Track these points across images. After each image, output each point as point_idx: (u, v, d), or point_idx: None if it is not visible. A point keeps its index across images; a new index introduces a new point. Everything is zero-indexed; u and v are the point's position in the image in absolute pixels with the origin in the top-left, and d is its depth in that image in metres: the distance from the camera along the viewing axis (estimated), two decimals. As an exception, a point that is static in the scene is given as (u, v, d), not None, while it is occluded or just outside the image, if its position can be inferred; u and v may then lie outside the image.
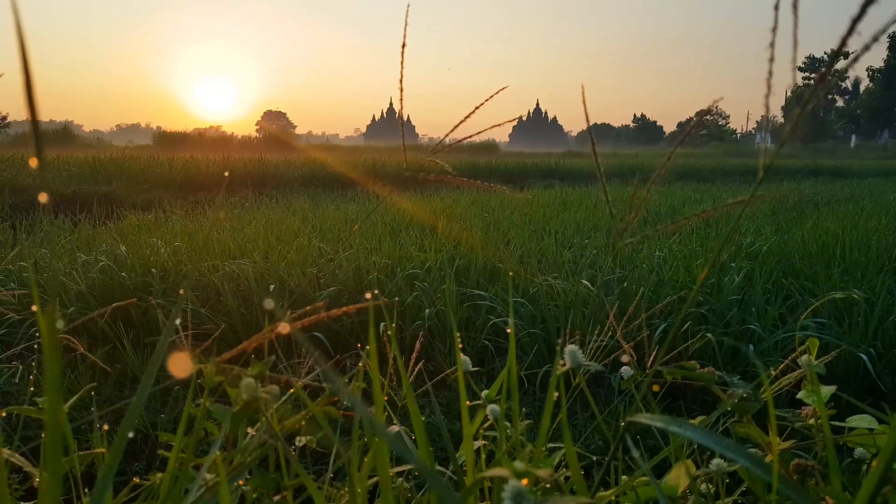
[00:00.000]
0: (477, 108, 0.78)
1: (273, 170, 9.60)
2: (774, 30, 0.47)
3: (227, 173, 8.70)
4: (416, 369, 1.32)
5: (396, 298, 2.87)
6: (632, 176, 15.63)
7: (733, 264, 3.51)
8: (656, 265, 3.45)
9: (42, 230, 4.73)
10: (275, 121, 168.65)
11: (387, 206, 6.72)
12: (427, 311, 2.70)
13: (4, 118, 50.15)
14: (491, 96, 0.78)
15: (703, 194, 9.60)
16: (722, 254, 3.64)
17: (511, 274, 3.04)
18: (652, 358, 1.00)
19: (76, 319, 2.86)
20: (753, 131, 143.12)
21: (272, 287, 2.83)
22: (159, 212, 6.03)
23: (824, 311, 2.86)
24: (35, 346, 2.79)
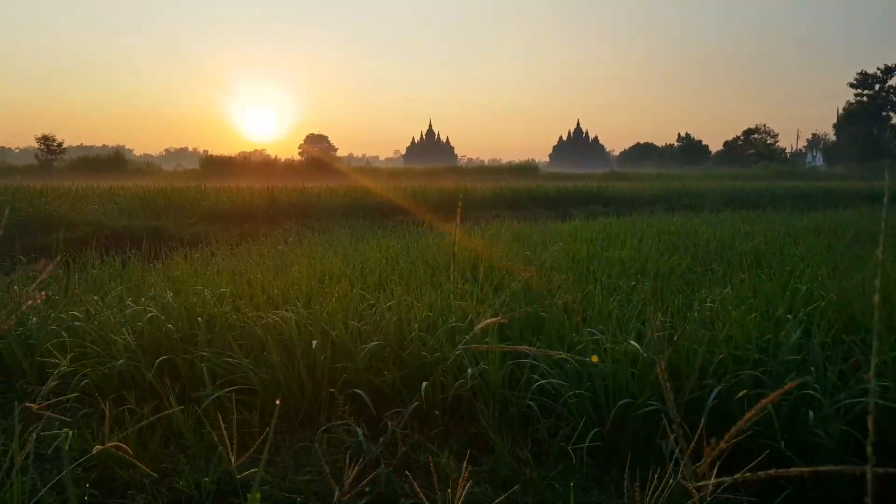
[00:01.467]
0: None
1: (315, 200, 9.70)
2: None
3: (271, 210, 8.83)
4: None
5: (437, 354, 2.83)
6: (677, 201, 15.35)
7: (790, 316, 3.37)
8: (708, 317, 3.33)
9: (94, 270, 4.84)
10: (317, 143, 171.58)
11: (427, 241, 6.72)
12: (469, 370, 2.65)
13: (60, 144, 52.15)
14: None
15: (754, 224, 9.35)
16: (777, 305, 3.51)
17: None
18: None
19: (125, 372, 2.90)
20: (804, 150, 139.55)
21: (315, 343, 2.82)
22: (206, 249, 6.12)
23: (889, 372, 2.72)
24: (85, 399, 2.84)
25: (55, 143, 51.71)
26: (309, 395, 2.79)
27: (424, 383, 2.59)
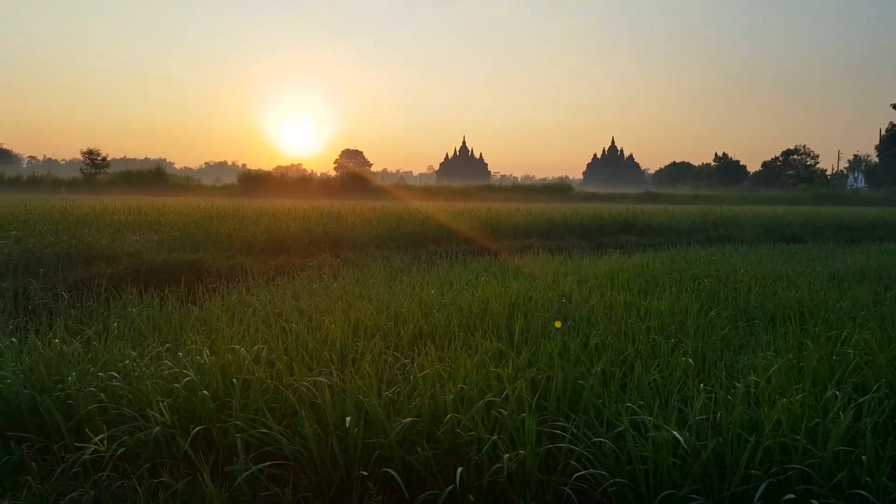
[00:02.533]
0: None
1: (349, 231, 9.75)
2: None
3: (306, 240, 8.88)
4: None
5: (472, 433, 2.77)
6: (715, 231, 15.07)
7: (838, 392, 3.24)
8: (753, 394, 3.23)
9: (134, 310, 4.90)
10: (352, 159, 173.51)
11: (461, 280, 6.68)
12: (506, 456, 2.59)
13: (104, 159, 53.68)
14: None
15: (795, 263, 9.11)
16: (824, 382, 3.38)
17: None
18: None
19: (160, 440, 2.91)
20: (845, 171, 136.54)
21: (348, 420, 2.79)
22: (242, 287, 6.17)
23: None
24: (120, 465, 2.85)
25: (99, 158, 53.25)
26: (341, 471, 2.76)
27: (459, 469, 2.54)
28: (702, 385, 3.45)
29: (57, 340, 3.64)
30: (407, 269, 7.94)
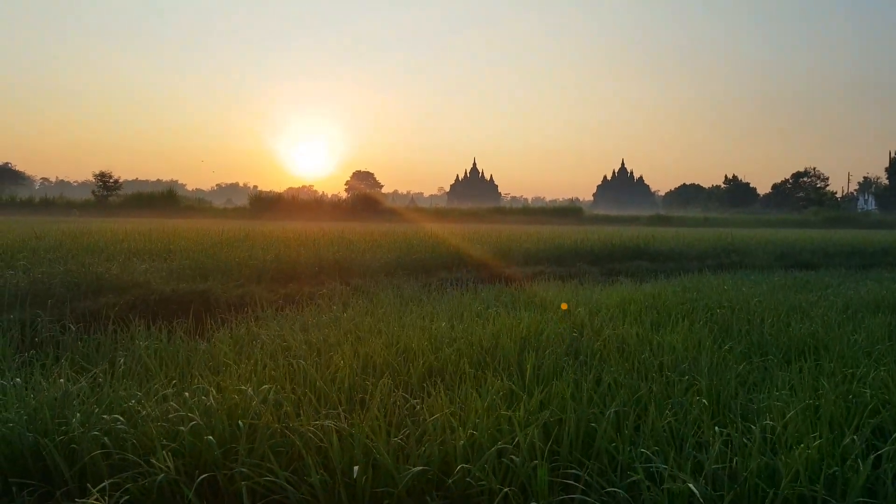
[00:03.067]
0: None
1: (360, 258, 9.73)
2: None
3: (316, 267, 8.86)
4: None
5: (483, 484, 2.71)
6: (726, 257, 14.95)
7: (856, 438, 3.15)
8: (770, 439, 3.15)
9: (142, 344, 4.87)
10: (363, 180, 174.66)
11: (471, 311, 6.63)
12: (517, 510, 2.52)
13: (116, 181, 54.25)
14: None
15: (808, 293, 9.00)
16: (841, 426, 3.29)
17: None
18: None
19: (165, 487, 2.86)
20: (855, 193, 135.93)
21: (356, 469, 2.73)
22: (250, 318, 6.15)
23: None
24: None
25: (112, 180, 53.78)
26: (349, 522, 2.70)
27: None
28: (717, 428, 3.37)
29: (62, 380, 3.61)
30: (417, 297, 7.89)
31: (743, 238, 19.23)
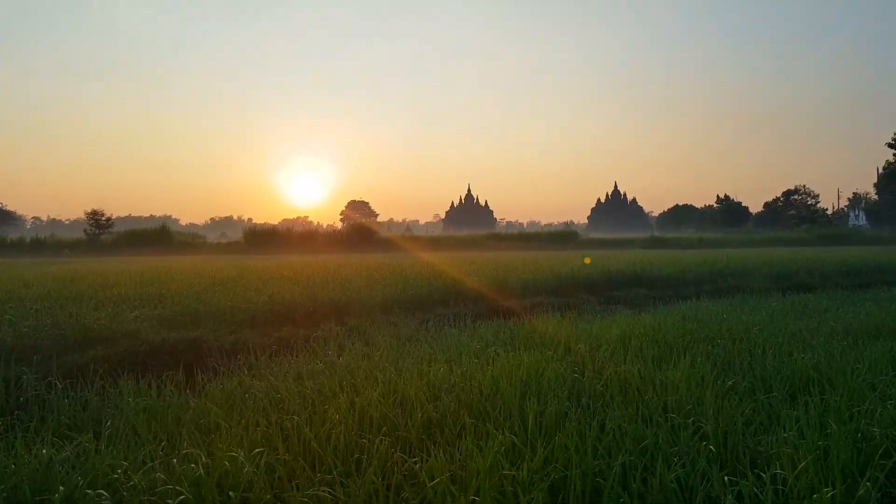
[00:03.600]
0: None
1: (355, 296, 9.60)
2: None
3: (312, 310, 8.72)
4: None
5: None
6: (723, 281, 14.86)
7: (869, 485, 3.03)
8: (782, 495, 3.02)
9: (131, 401, 4.73)
10: (358, 209, 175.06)
11: (469, 350, 6.49)
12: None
13: (108, 219, 54.00)
14: None
15: (808, 318, 8.91)
16: (853, 470, 3.17)
17: None
18: None
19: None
20: (845, 209, 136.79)
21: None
22: (244, 368, 6.01)
23: None
24: None
25: (104, 218, 53.55)
26: None
27: None
28: (727, 478, 3.26)
29: (45, 451, 3.46)
30: (414, 337, 7.77)
31: (738, 260, 19.18)
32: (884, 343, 6.73)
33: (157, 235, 50.47)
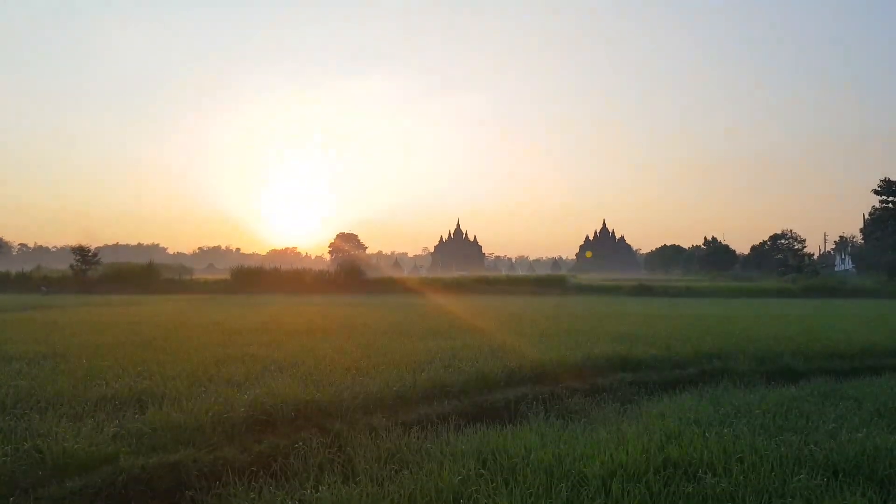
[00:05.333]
0: None
1: (337, 396, 9.59)
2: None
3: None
4: None
5: None
6: (709, 363, 14.86)
7: None
8: None
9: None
10: (347, 242, 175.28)
11: (452, 488, 6.45)
12: None
13: (95, 255, 53.70)
14: None
15: (792, 433, 8.91)
16: None
17: None
18: None
19: None
20: (832, 252, 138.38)
21: None
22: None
23: None
24: None
25: (90, 253, 53.23)
26: None
27: None
28: None
29: None
30: (396, 453, 7.77)
31: (723, 335, 19.21)
32: (865, 488, 6.71)
33: (144, 272, 50.18)
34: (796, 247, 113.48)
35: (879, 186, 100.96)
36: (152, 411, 8.31)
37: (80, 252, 52.57)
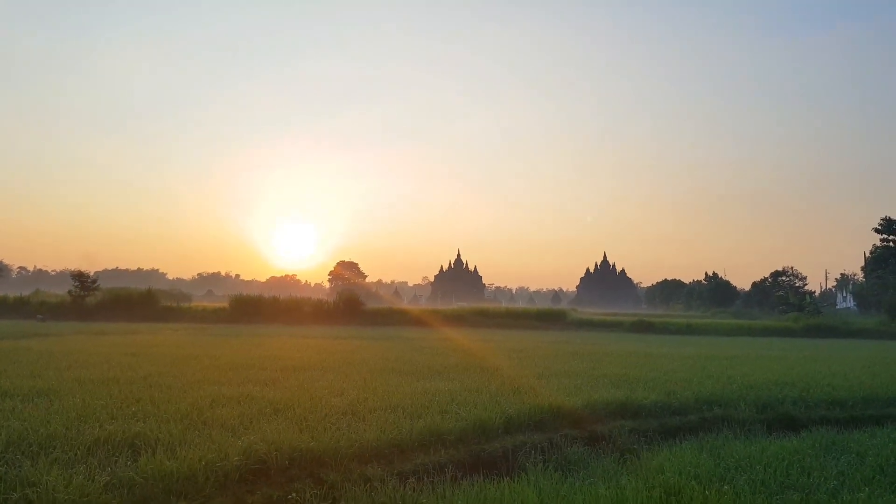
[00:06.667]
0: None
1: (333, 444, 9.47)
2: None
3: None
4: None
5: None
6: (709, 410, 14.71)
7: None
8: None
9: None
10: (347, 270, 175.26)
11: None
12: None
13: (94, 281, 53.60)
14: None
15: (793, 490, 8.76)
16: None
17: None
18: None
19: None
20: (833, 289, 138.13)
21: None
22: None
23: None
24: None
25: (89, 280, 53.13)
26: None
27: None
28: None
29: None
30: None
31: (723, 380, 19.02)
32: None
33: (142, 299, 50.08)
34: (797, 284, 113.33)
35: (880, 225, 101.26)
36: (144, 458, 8.18)
37: (79, 278, 52.49)
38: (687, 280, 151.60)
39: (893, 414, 15.58)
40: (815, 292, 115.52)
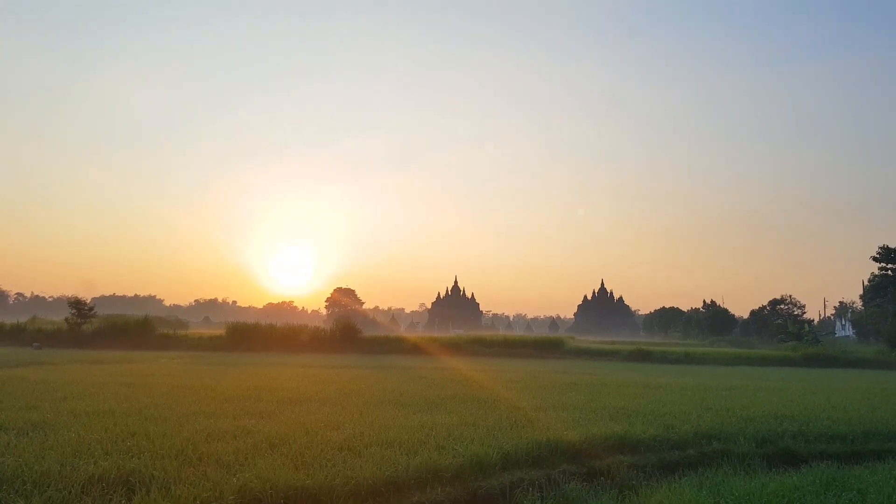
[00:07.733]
0: None
1: (328, 482, 9.39)
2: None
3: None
4: None
5: None
6: (708, 445, 14.61)
7: None
8: None
9: None
10: (344, 296, 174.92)
11: None
12: None
13: (91, 308, 53.44)
14: None
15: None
16: None
17: None
18: None
19: None
20: (832, 317, 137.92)
21: None
22: None
23: None
24: None
25: (86, 307, 52.98)
26: None
27: None
28: None
29: None
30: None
31: (722, 413, 18.91)
32: None
33: (139, 326, 49.90)
34: (796, 312, 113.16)
35: (878, 253, 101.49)
36: (139, 497, 8.11)
37: (76, 305, 52.37)
38: (685, 308, 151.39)
39: (894, 449, 15.49)
40: (813, 320, 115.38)
